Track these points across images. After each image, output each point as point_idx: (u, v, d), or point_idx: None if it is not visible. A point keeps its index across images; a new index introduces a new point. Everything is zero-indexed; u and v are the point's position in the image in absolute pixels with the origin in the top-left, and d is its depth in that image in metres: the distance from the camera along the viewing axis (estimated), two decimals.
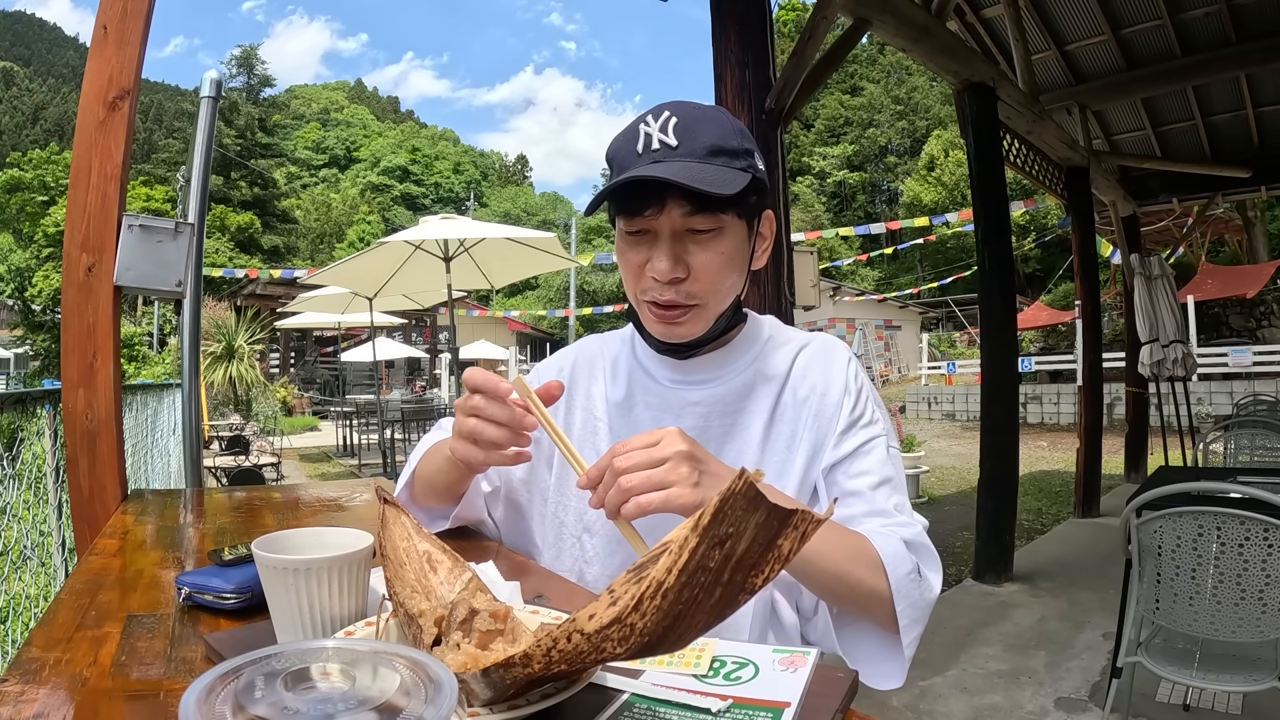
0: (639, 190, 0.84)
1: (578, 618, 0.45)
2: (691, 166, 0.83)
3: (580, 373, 1.05)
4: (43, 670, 0.62)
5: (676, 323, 0.90)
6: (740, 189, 0.84)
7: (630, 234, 0.89)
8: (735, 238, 0.89)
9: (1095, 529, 5.62)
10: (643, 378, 0.99)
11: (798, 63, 3.01)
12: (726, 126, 0.88)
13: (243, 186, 44.47)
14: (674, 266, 0.87)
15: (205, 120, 1.85)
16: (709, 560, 0.41)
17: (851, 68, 42.83)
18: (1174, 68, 5.62)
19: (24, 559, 2.64)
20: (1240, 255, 15.46)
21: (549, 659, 0.45)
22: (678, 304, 0.89)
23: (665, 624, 0.43)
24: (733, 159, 0.86)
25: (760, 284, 2.87)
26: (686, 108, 0.87)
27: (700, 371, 0.97)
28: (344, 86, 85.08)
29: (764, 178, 0.91)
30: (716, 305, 0.91)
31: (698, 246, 0.88)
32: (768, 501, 0.41)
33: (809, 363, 0.97)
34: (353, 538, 0.65)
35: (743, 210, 0.89)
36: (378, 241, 6.54)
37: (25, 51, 70.04)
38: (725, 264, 0.89)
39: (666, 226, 0.86)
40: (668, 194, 0.84)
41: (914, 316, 26.94)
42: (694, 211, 0.85)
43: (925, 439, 9.66)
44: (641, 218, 0.87)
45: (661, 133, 0.85)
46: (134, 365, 16.93)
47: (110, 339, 1.46)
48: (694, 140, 0.85)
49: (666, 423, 0.91)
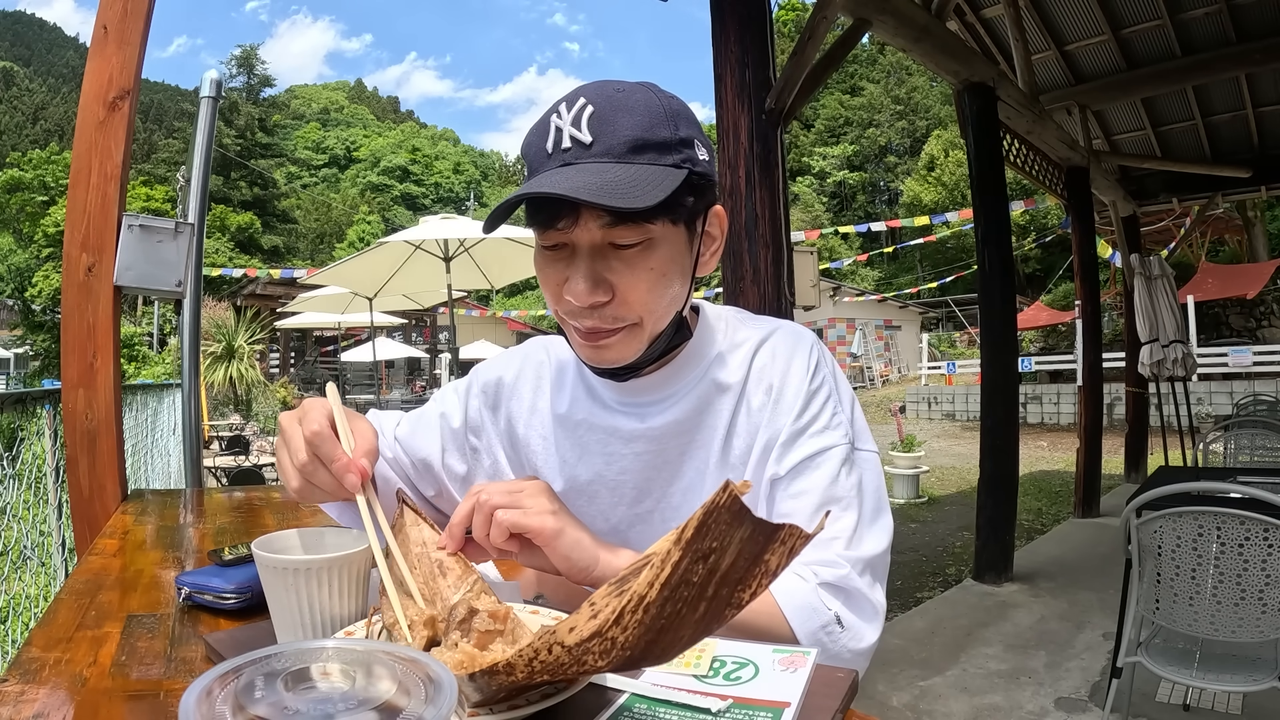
0: (549, 200, 0.71)
1: (558, 629, 0.44)
2: (606, 170, 0.70)
3: (525, 381, 0.95)
4: (43, 670, 0.62)
5: (603, 345, 0.78)
6: (667, 195, 0.70)
7: (546, 248, 0.77)
8: (669, 248, 0.76)
9: (1095, 529, 5.62)
10: (587, 400, 0.89)
11: (798, 63, 3.01)
12: (655, 112, 0.73)
13: (243, 186, 44.51)
14: (593, 289, 0.74)
15: (205, 120, 1.85)
16: (692, 575, 0.40)
17: (851, 68, 42.82)
18: (1174, 68, 5.61)
19: (24, 559, 2.64)
20: (1240, 255, 15.46)
21: (531, 669, 0.44)
22: (602, 329, 0.77)
23: (648, 638, 0.42)
24: (661, 154, 0.73)
25: (760, 284, 2.87)
26: (607, 91, 0.74)
27: (648, 392, 0.86)
28: (344, 86, 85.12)
29: (707, 170, 0.77)
30: (652, 324, 0.79)
31: (622, 263, 0.74)
32: (753, 515, 0.40)
33: (765, 365, 0.85)
34: (353, 539, 0.65)
35: (677, 215, 0.75)
36: (378, 241, 6.55)
37: (25, 51, 70.01)
38: (656, 280, 0.75)
39: (584, 241, 0.74)
40: (582, 204, 0.70)
41: (914, 316, 26.93)
42: (614, 223, 0.72)
43: (925, 439, 9.66)
44: (555, 230, 0.74)
45: (574, 127, 0.72)
46: (134, 365, 16.94)
47: (110, 339, 1.46)
48: (612, 135, 0.71)
49: (614, 449, 0.86)
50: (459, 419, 0.95)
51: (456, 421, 0.95)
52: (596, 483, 0.88)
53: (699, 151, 0.76)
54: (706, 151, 0.78)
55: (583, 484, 0.88)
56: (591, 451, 0.88)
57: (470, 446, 0.96)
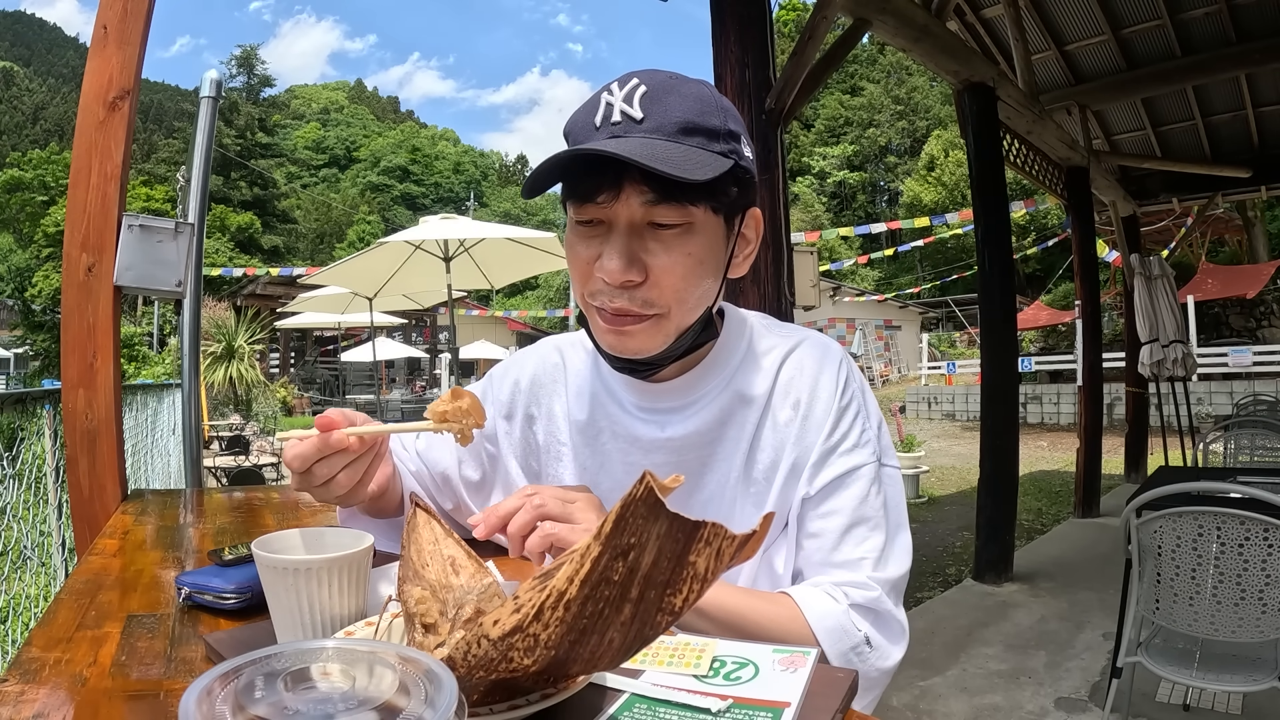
0: (591, 170, 0.70)
1: (484, 622, 0.43)
2: (655, 144, 0.68)
3: (541, 385, 0.92)
4: (43, 670, 0.62)
5: (627, 333, 0.76)
6: (715, 175, 0.69)
7: (580, 224, 0.75)
8: (707, 237, 0.74)
9: (1095, 529, 5.62)
10: (607, 402, 0.86)
11: (798, 63, 3.01)
12: (708, 101, 0.73)
13: (243, 186, 44.53)
14: (627, 267, 0.72)
15: (205, 120, 1.85)
16: (612, 572, 0.39)
17: (851, 68, 42.82)
18: (1174, 68, 5.62)
19: (24, 559, 2.64)
20: (1240, 255, 15.47)
21: (469, 664, 0.44)
22: (630, 312, 0.74)
23: (570, 638, 0.41)
24: (711, 140, 0.71)
25: (760, 284, 2.87)
26: (661, 76, 0.73)
27: (669, 398, 0.83)
28: (344, 86, 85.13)
29: (750, 168, 0.77)
30: (680, 317, 0.76)
31: (659, 244, 0.72)
32: (668, 511, 0.38)
33: (792, 378, 0.83)
34: (353, 538, 0.65)
35: (719, 204, 0.74)
36: (378, 241, 6.55)
37: (25, 51, 70.03)
38: (692, 268, 0.73)
39: (623, 217, 0.72)
40: (625, 177, 0.69)
41: (914, 316, 26.94)
42: (657, 200, 0.70)
43: (925, 439, 9.67)
44: (593, 204, 0.72)
45: (625, 103, 0.71)
46: (134, 365, 16.94)
47: (110, 339, 1.46)
48: (664, 113, 0.70)
49: (634, 459, 0.84)
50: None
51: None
52: (617, 492, 0.85)
53: (745, 148, 0.76)
54: (751, 153, 0.78)
55: (604, 493, 0.85)
56: (612, 460, 0.86)
57: (487, 453, 0.94)
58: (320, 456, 0.68)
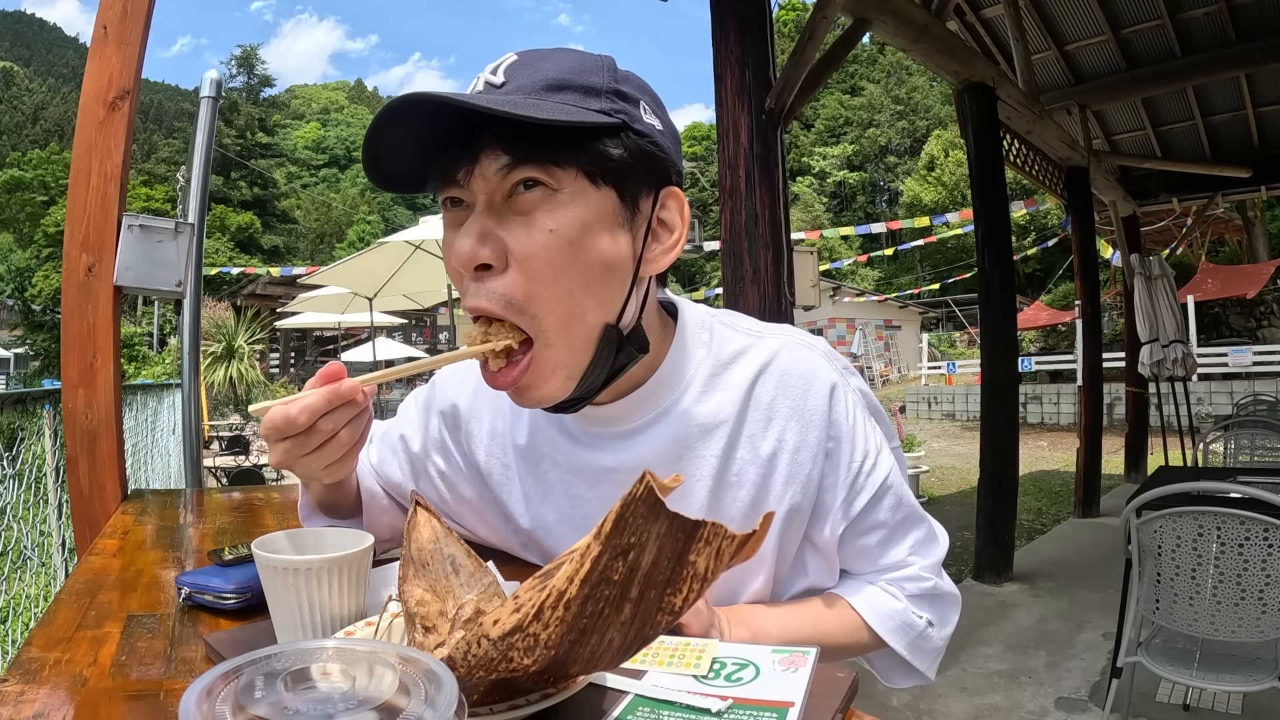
0: (451, 145, 0.59)
1: (484, 622, 0.43)
2: (502, 98, 0.57)
3: (484, 400, 0.82)
4: (43, 670, 0.62)
5: (503, 380, 0.63)
6: (573, 122, 0.57)
7: (449, 213, 0.63)
8: (584, 211, 0.60)
9: (1095, 529, 5.62)
10: (547, 427, 0.77)
11: (798, 63, 3.01)
12: (590, 62, 0.62)
13: (243, 186, 44.52)
14: (477, 244, 0.59)
15: (205, 120, 1.85)
16: (612, 572, 0.39)
17: (851, 68, 42.84)
18: (1174, 68, 5.62)
19: (24, 559, 2.65)
20: (1240, 255, 15.46)
21: (469, 664, 0.44)
22: (489, 312, 0.61)
23: (571, 638, 0.41)
24: (586, 97, 0.59)
25: (760, 284, 2.87)
26: (544, 50, 0.63)
27: (613, 423, 0.73)
28: (344, 86, 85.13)
29: (659, 140, 0.63)
30: (567, 336, 0.62)
31: (519, 218, 0.59)
32: (668, 510, 0.38)
33: (773, 401, 0.72)
34: (353, 538, 0.65)
35: (601, 169, 0.60)
36: (378, 241, 6.56)
37: (25, 51, 70.02)
38: (561, 250, 0.59)
39: (482, 192, 0.60)
40: (482, 145, 0.58)
41: (914, 316, 26.94)
42: (513, 164, 0.58)
43: (925, 439, 9.67)
44: (454, 186, 0.61)
45: (491, 74, 0.61)
46: (134, 365, 16.95)
47: (110, 339, 1.46)
48: (529, 76, 0.59)
49: (579, 491, 0.75)
50: (419, 441, 0.87)
51: (416, 444, 0.87)
52: (564, 524, 0.78)
53: (644, 114, 0.63)
54: (662, 124, 0.64)
55: (550, 525, 0.79)
56: (555, 491, 0.77)
57: (437, 469, 0.86)
58: (329, 409, 0.60)
